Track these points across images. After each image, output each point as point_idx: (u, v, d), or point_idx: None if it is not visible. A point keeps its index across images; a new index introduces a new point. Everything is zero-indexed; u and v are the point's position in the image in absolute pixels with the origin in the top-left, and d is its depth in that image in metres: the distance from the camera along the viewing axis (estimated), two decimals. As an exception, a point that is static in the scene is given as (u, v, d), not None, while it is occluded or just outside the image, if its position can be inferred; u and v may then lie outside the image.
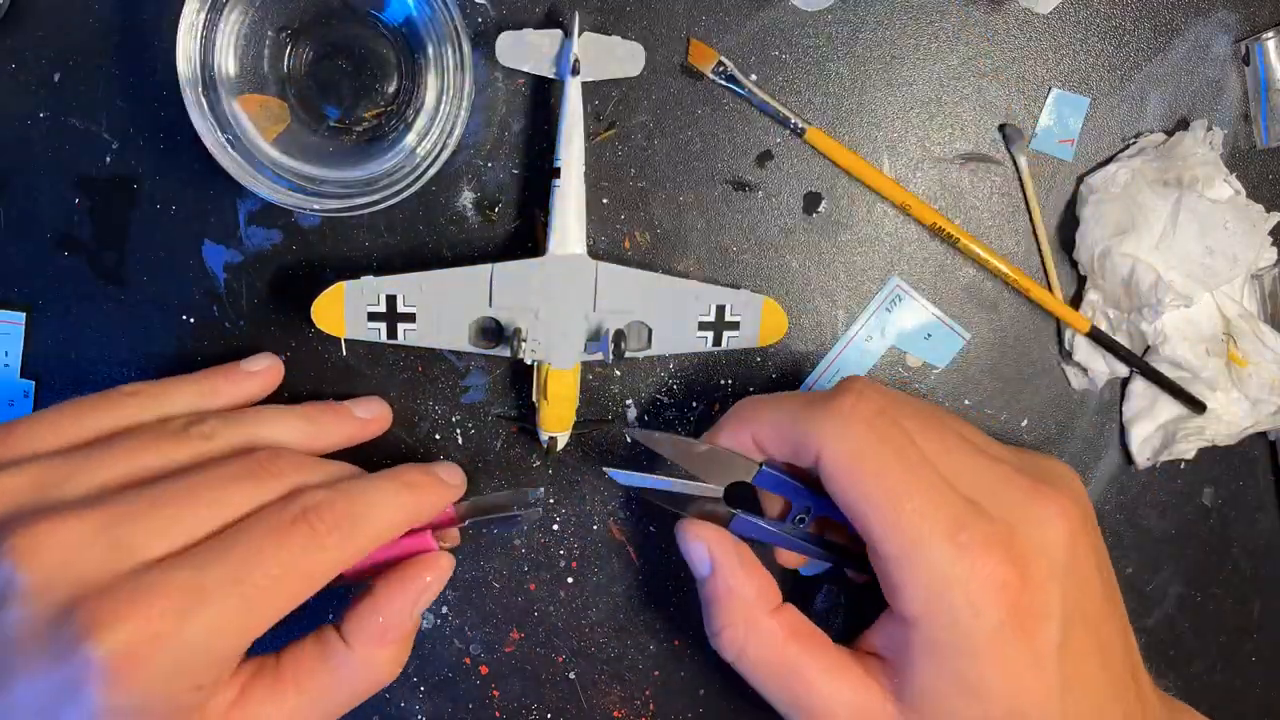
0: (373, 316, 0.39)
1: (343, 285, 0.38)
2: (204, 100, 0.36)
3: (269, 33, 0.37)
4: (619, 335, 0.38)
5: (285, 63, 0.38)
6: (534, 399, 0.40)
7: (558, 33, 0.39)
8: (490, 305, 0.39)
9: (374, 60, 0.39)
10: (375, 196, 0.36)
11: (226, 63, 0.37)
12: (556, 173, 0.38)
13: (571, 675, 0.44)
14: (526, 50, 0.39)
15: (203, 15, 0.35)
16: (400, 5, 0.37)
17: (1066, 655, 0.32)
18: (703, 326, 0.40)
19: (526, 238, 0.41)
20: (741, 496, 0.37)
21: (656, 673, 0.44)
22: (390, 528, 0.35)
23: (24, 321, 0.42)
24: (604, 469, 0.38)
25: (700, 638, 0.44)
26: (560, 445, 0.41)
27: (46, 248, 0.42)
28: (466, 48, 0.36)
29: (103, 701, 0.28)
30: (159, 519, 0.30)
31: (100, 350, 0.42)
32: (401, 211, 0.41)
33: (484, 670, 0.44)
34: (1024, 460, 0.36)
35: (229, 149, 0.36)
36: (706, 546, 0.36)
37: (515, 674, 0.44)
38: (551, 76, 0.39)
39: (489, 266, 0.38)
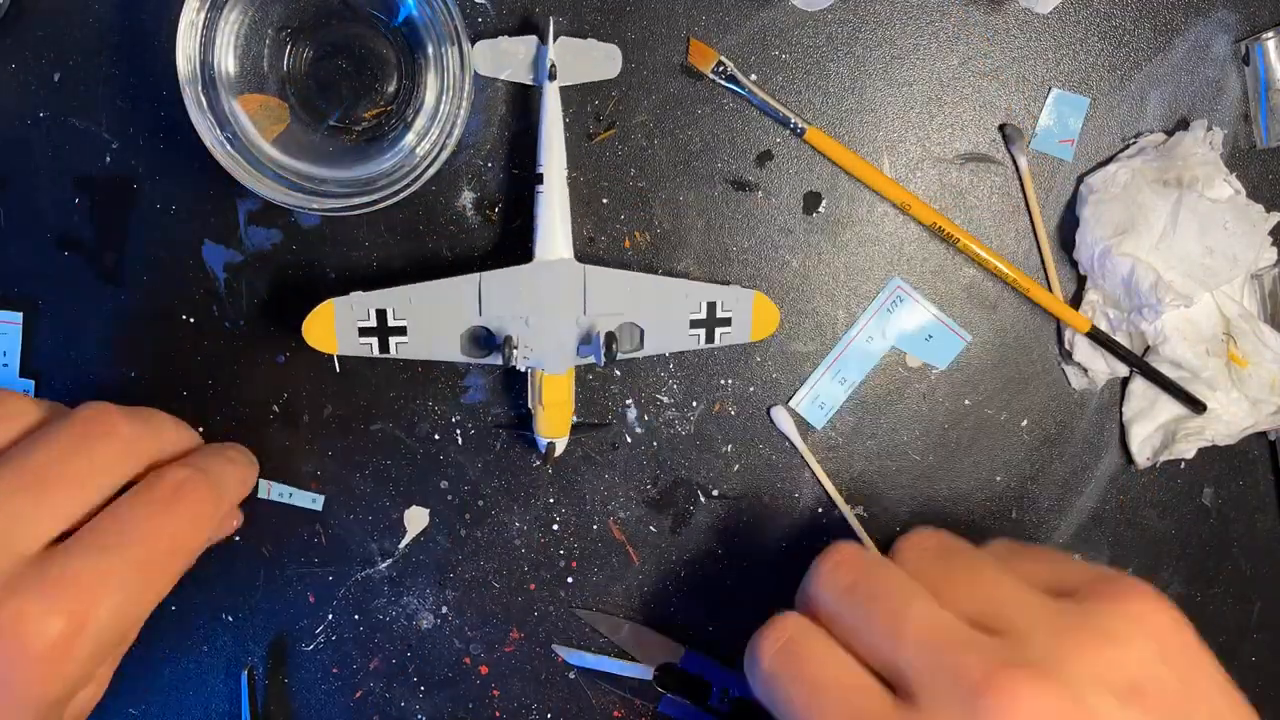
0: (364, 331, 0.38)
1: (332, 302, 0.38)
2: (204, 100, 0.36)
3: (269, 32, 0.37)
4: (610, 337, 0.38)
5: (285, 62, 0.38)
6: (530, 405, 0.40)
7: (533, 39, 0.39)
8: (480, 314, 0.38)
9: (374, 60, 0.39)
10: (375, 196, 0.36)
11: (226, 62, 0.36)
12: (539, 179, 0.38)
13: (571, 675, 0.44)
14: (503, 58, 0.39)
15: (203, 15, 0.35)
16: (400, 5, 0.37)
17: None
18: (695, 324, 0.40)
19: (526, 238, 0.41)
20: (674, 676, 0.43)
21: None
22: (235, 500, 0.39)
23: (23, 321, 0.42)
24: (553, 647, 0.44)
25: (700, 637, 0.44)
26: (559, 450, 0.41)
27: (46, 248, 0.42)
28: (466, 48, 0.36)
29: (40, 690, 0.29)
30: (29, 504, 0.31)
31: (100, 350, 0.42)
32: (401, 211, 0.41)
33: (484, 670, 0.44)
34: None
35: (229, 148, 0.36)
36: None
37: (515, 674, 0.44)
38: (530, 83, 0.39)
39: (477, 276, 0.38)
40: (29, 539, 0.30)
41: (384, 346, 0.39)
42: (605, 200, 0.41)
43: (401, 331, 0.39)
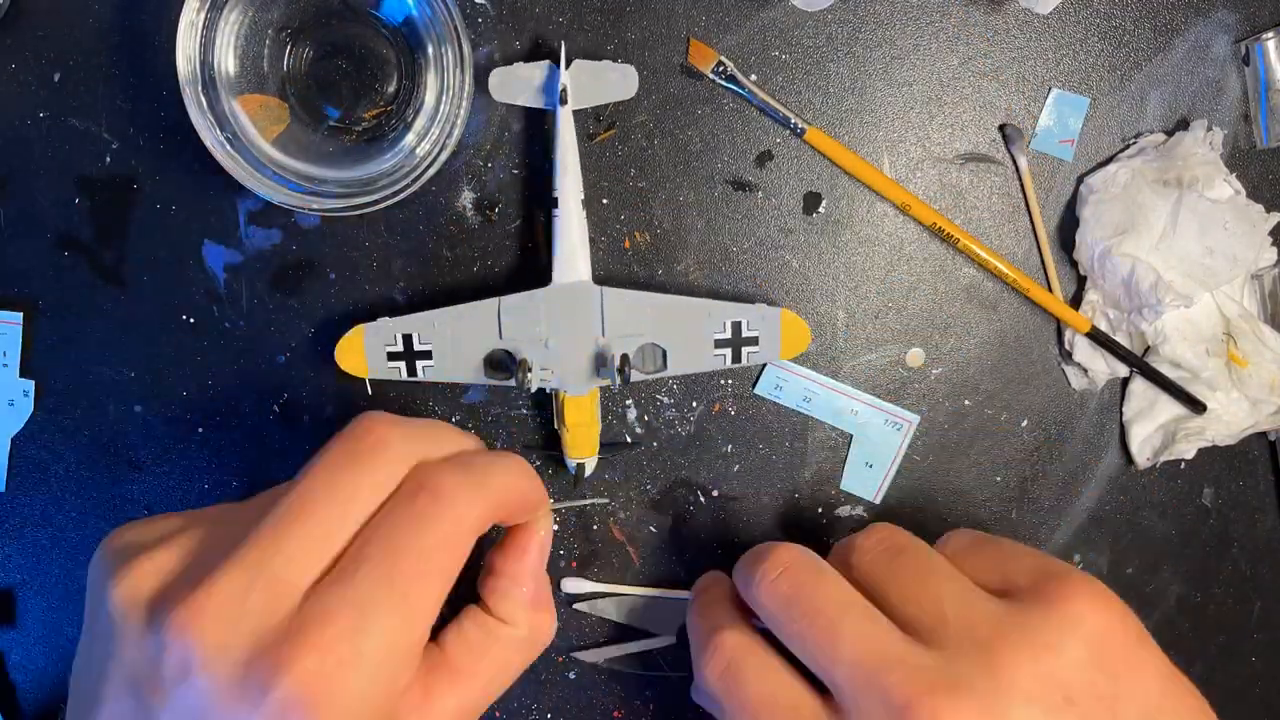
0: (392, 356, 0.39)
1: (362, 328, 0.39)
2: (204, 100, 0.36)
3: (269, 32, 0.37)
4: (624, 360, 0.38)
5: (285, 62, 0.38)
6: (556, 427, 0.40)
7: (546, 63, 0.39)
8: (501, 337, 0.39)
9: (374, 60, 0.39)
10: (375, 196, 0.36)
11: (226, 62, 0.37)
12: (555, 202, 0.38)
13: (571, 675, 0.44)
14: (517, 84, 0.39)
15: (203, 15, 0.35)
16: (400, 5, 0.37)
17: None
18: (719, 345, 0.39)
19: (527, 238, 0.41)
20: None
21: (656, 673, 0.44)
22: (511, 489, 0.33)
23: (23, 321, 0.42)
24: (573, 655, 0.43)
25: (700, 638, 0.44)
26: (589, 470, 0.41)
27: (46, 248, 0.42)
28: (466, 48, 0.36)
29: None
30: (295, 541, 0.29)
31: (100, 350, 0.42)
32: (401, 211, 0.41)
33: (484, 670, 0.44)
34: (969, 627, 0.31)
35: (229, 148, 0.36)
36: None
37: (515, 674, 0.44)
38: (544, 108, 0.39)
39: (496, 300, 0.38)
40: (300, 577, 0.29)
41: (411, 370, 0.39)
42: (605, 200, 0.41)
43: (427, 355, 0.39)
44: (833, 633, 0.32)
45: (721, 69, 0.40)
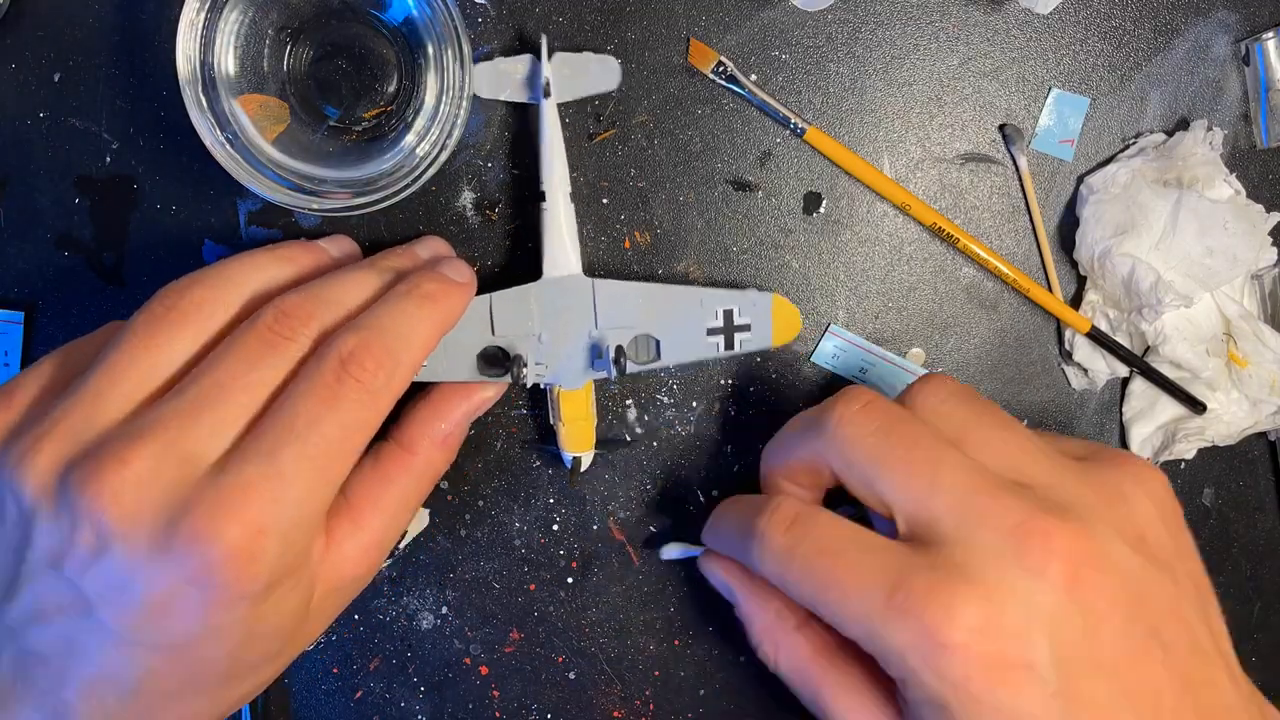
0: None
1: None
2: (203, 100, 0.36)
3: (269, 32, 0.37)
4: (619, 351, 0.38)
5: (285, 62, 0.38)
6: (551, 422, 0.40)
7: (528, 57, 0.39)
8: (494, 334, 0.38)
9: (374, 60, 0.39)
10: (375, 196, 0.36)
11: (226, 62, 0.37)
12: (542, 196, 0.38)
13: (571, 675, 0.44)
14: (501, 79, 0.39)
15: (202, 15, 0.35)
16: (400, 5, 0.37)
17: (1072, 701, 0.29)
18: (712, 332, 0.39)
19: (527, 238, 0.41)
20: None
21: (656, 673, 0.44)
22: (426, 349, 0.35)
23: (24, 321, 0.42)
24: (660, 553, 0.42)
25: (700, 638, 0.44)
26: (585, 465, 0.41)
27: (46, 248, 0.42)
28: (466, 48, 0.36)
29: (231, 594, 0.29)
30: (207, 422, 0.31)
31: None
32: (401, 211, 0.41)
33: (484, 670, 0.44)
34: (1059, 473, 0.32)
35: (229, 148, 0.36)
36: (726, 580, 0.38)
37: (515, 674, 0.44)
38: (528, 102, 0.39)
39: (488, 296, 0.38)
40: (212, 452, 0.30)
41: None
42: (605, 200, 0.41)
43: None
44: (934, 464, 0.31)
45: (721, 69, 0.40)
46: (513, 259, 0.41)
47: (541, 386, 0.40)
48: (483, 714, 0.44)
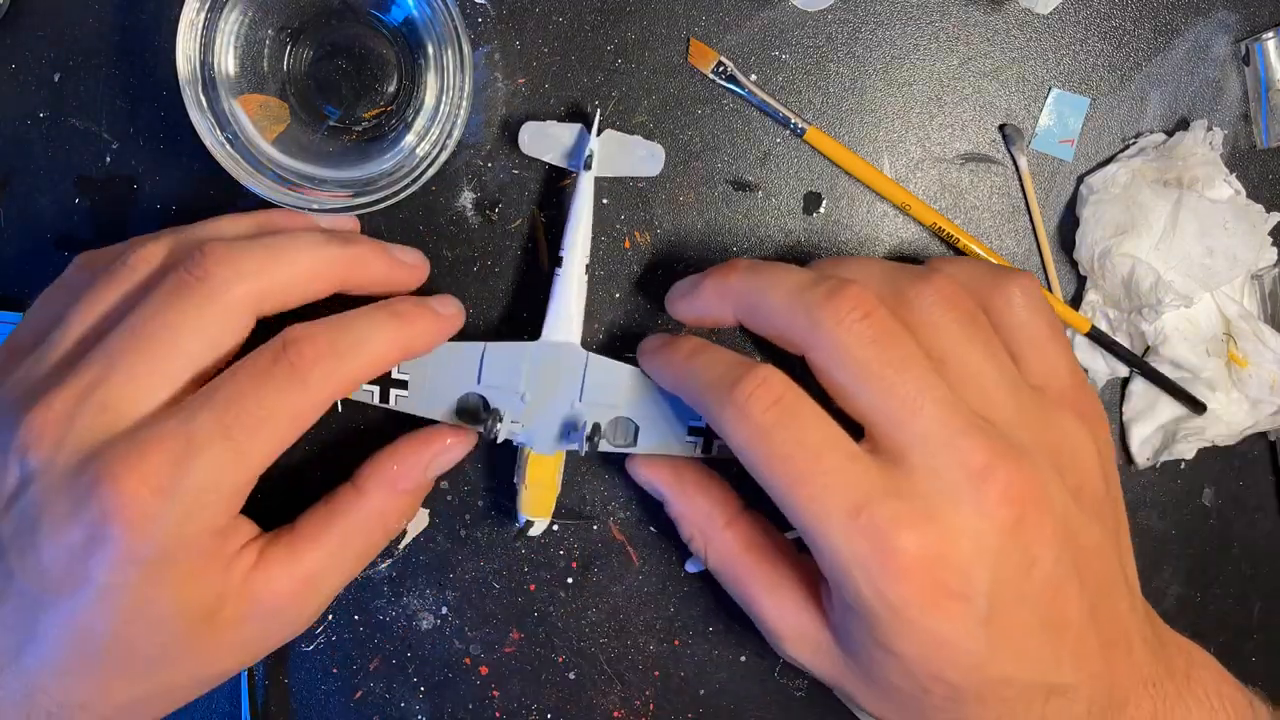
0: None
1: None
2: (203, 100, 0.36)
3: (269, 32, 0.38)
4: (595, 429, 0.37)
5: (285, 63, 0.38)
6: (514, 480, 0.40)
7: (579, 127, 0.39)
8: (479, 383, 0.38)
9: (374, 60, 0.39)
10: (375, 196, 0.36)
11: (226, 62, 0.37)
12: (559, 261, 0.38)
13: (571, 675, 0.44)
14: (547, 141, 0.39)
15: (202, 15, 0.35)
16: (400, 5, 0.37)
17: (996, 628, 0.31)
18: (693, 432, 0.38)
19: (527, 238, 0.41)
20: None
21: (656, 673, 0.44)
22: (379, 360, 0.34)
23: (24, 321, 0.42)
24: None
25: (700, 638, 0.44)
26: (536, 531, 0.40)
27: (46, 248, 0.42)
28: (466, 48, 0.36)
29: (124, 550, 0.30)
30: (122, 367, 0.31)
31: (100, 350, 0.42)
32: (401, 211, 0.41)
33: (484, 670, 0.44)
34: (1022, 408, 0.34)
35: (229, 148, 0.36)
36: (653, 480, 0.39)
37: (515, 674, 0.44)
38: (567, 168, 0.40)
39: (481, 345, 0.38)
40: (131, 405, 0.31)
41: (384, 397, 0.38)
42: (605, 200, 0.41)
43: (403, 385, 0.38)
44: (918, 394, 0.31)
45: (721, 69, 0.40)
46: (513, 260, 0.41)
47: (513, 444, 0.39)
48: (483, 714, 0.44)
